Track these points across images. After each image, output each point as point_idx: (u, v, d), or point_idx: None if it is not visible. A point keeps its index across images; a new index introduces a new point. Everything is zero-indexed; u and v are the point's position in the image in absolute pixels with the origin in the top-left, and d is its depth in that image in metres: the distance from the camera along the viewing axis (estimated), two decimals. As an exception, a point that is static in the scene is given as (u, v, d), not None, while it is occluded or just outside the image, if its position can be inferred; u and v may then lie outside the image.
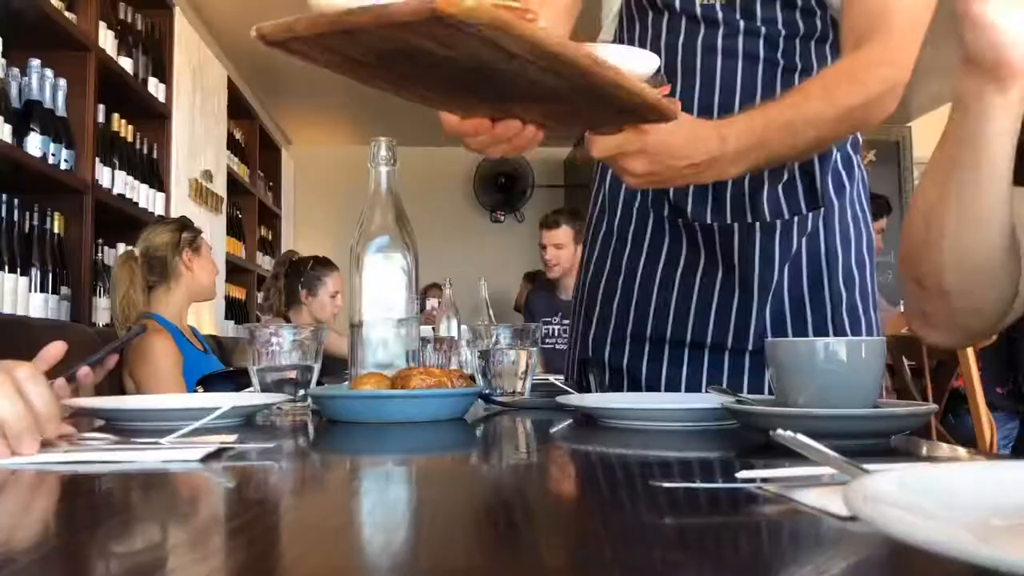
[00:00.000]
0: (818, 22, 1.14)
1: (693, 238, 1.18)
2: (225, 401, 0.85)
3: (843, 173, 1.19)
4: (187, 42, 3.77)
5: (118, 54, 3.03)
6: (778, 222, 1.14)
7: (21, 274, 2.42)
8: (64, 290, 2.62)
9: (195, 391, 1.46)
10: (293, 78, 5.46)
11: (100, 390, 2.32)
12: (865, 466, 0.47)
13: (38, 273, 2.50)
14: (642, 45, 1.18)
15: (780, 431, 0.53)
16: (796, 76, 1.15)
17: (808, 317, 1.16)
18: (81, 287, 2.73)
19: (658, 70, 0.85)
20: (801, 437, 0.52)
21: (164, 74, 3.50)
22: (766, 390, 1.15)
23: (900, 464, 0.47)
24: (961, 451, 0.80)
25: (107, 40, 2.94)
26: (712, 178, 0.94)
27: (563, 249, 3.79)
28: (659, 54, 1.13)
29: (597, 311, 1.25)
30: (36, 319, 2.42)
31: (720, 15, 1.13)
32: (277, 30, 0.63)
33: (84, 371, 1.02)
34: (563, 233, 3.81)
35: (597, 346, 1.24)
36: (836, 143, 1.15)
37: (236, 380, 1.39)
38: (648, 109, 0.78)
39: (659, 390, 1.18)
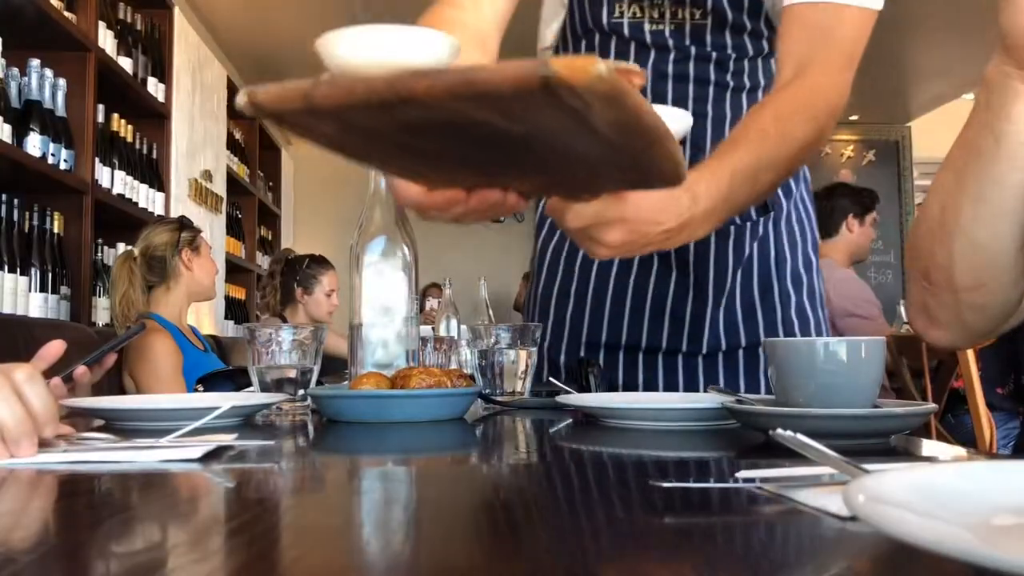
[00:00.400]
0: (765, 43, 1.16)
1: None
2: (224, 401, 0.85)
3: (789, 177, 1.20)
4: (187, 42, 3.77)
5: (117, 54, 3.03)
6: (731, 228, 1.16)
7: (21, 274, 2.42)
8: (64, 290, 2.62)
9: (195, 390, 1.46)
10: (292, 77, 5.45)
11: (99, 389, 2.32)
12: (865, 466, 0.47)
13: (38, 273, 2.50)
14: None
15: (780, 431, 0.53)
16: (745, 95, 1.16)
17: (759, 319, 1.18)
18: (81, 287, 2.73)
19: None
20: (801, 437, 0.52)
21: (164, 74, 3.50)
22: (721, 380, 1.18)
23: (900, 464, 0.47)
24: (961, 451, 0.81)
25: (107, 40, 2.94)
26: (682, 242, 0.86)
27: None
28: None
29: (552, 317, 1.26)
30: (36, 319, 2.42)
31: (670, 41, 1.13)
32: (285, 100, 0.51)
33: (81, 370, 1.02)
34: None
35: (552, 352, 1.25)
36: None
37: (236, 379, 1.39)
38: (667, 176, 0.66)
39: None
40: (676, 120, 0.75)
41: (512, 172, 0.67)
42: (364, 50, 0.54)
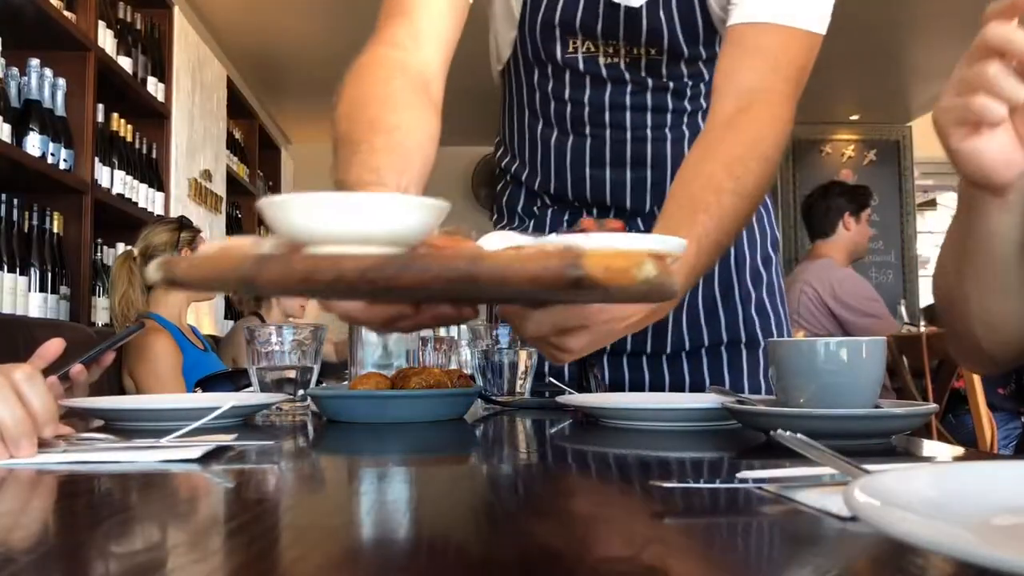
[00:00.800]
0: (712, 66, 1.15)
1: None
2: (224, 401, 0.85)
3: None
4: (186, 41, 3.77)
5: (117, 53, 3.03)
6: None
7: (20, 273, 2.42)
8: (63, 290, 2.62)
9: (194, 392, 1.46)
10: (292, 77, 5.46)
11: (99, 389, 2.33)
12: (865, 466, 0.47)
13: (37, 273, 2.50)
14: (543, 93, 1.16)
15: (780, 431, 0.53)
16: (701, 115, 1.16)
17: (721, 318, 1.19)
18: (80, 287, 2.73)
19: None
20: (801, 437, 0.52)
21: (163, 73, 3.50)
22: (687, 388, 1.18)
23: (900, 464, 0.47)
24: (961, 451, 0.80)
25: (106, 39, 2.94)
26: (650, 322, 0.82)
27: None
28: (565, 105, 1.14)
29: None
30: (35, 318, 2.42)
31: (627, 74, 1.12)
32: (213, 279, 0.42)
33: (77, 369, 1.01)
34: None
35: None
36: None
37: (236, 380, 1.39)
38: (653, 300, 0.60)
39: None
40: (665, 245, 0.66)
41: (478, 301, 0.65)
42: (326, 222, 0.43)
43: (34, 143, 2.45)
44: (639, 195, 1.16)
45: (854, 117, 6.29)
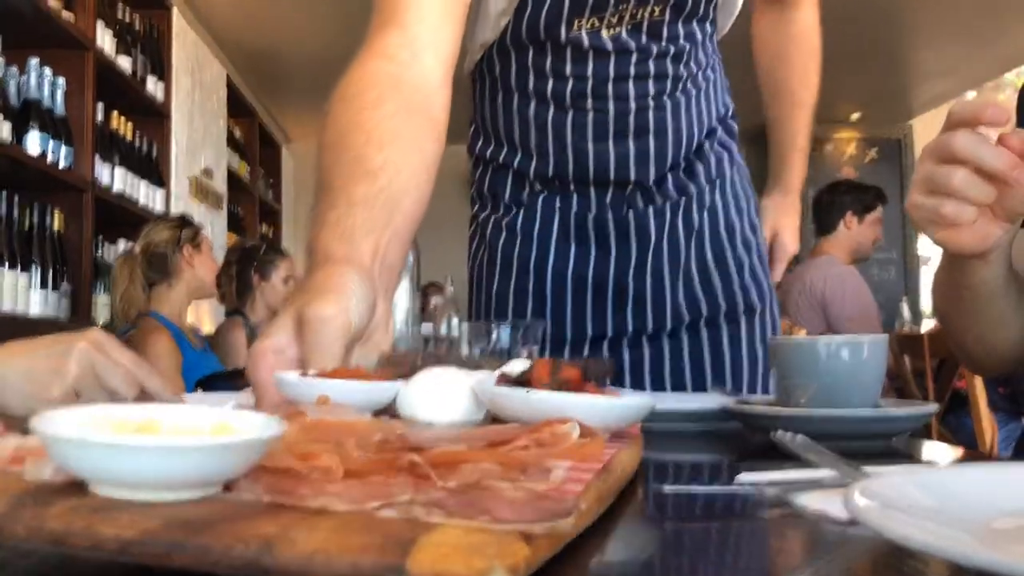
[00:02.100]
0: (709, 25, 1.17)
1: (603, 232, 1.18)
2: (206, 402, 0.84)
3: (727, 143, 1.25)
4: (185, 40, 3.77)
5: (116, 53, 3.03)
6: (681, 200, 1.18)
7: (21, 271, 2.42)
8: (64, 287, 2.63)
9: (195, 392, 1.46)
10: (292, 76, 5.46)
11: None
12: (866, 469, 0.47)
13: (38, 270, 2.50)
14: (538, 72, 1.15)
15: (780, 433, 0.53)
16: (691, 80, 1.17)
17: (718, 288, 1.19)
18: (81, 284, 2.73)
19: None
20: (802, 439, 0.52)
21: (163, 72, 3.50)
22: (687, 373, 1.18)
23: (901, 466, 0.47)
24: (962, 453, 0.80)
25: (105, 39, 2.94)
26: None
27: None
28: (565, 82, 1.13)
29: (510, 316, 1.23)
30: (36, 316, 2.43)
31: (631, 43, 1.11)
32: None
33: None
34: None
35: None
36: None
37: (236, 380, 1.39)
38: None
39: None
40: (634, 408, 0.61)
41: None
42: (99, 466, 0.36)
43: (34, 141, 2.45)
44: (643, 166, 1.16)
45: (855, 115, 6.28)
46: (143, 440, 0.35)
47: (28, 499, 0.34)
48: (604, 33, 1.11)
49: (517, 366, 0.64)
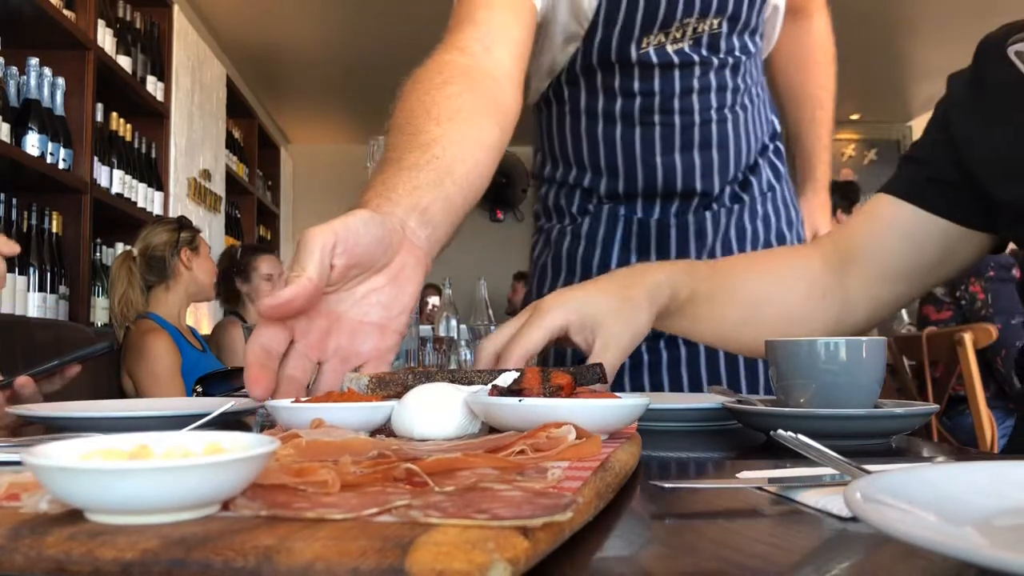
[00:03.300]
0: (760, 39, 1.25)
1: (664, 236, 1.22)
2: (179, 407, 0.84)
3: (777, 159, 1.32)
4: (186, 40, 3.77)
5: (116, 52, 3.03)
6: (735, 208, 1.24)
7: (19, 273, 2.42)
8: (62, 289, 2.62)
9: (194, 391, 1.45)
10: (292, 77, 5.46)
11: (98, 390, 2.32)
12: (866, 466, 0.47)
13: (36, 272, 2.50)
14: (608, 92, 1.20)
15: (780, 431, 0.53)
16: (745, 94, 1.24)
17: None
18: (79, 286, 2.73)
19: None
20: (801, 437, 0.52)
21: (163, 73, 3.50)
22: (724, 381, 1.21)
23: (901, 464, 0.47)
24: (962, 451, 0.80)
25: (105, 38, 2.93)
26: None
27: None
28: (633, 99, 1.19)
29: None
30: (34, 318, 2.42)
31: (694, 56, 1.18)
32: None
33: (22, 381, 0.99)
34: None
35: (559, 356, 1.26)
36: None
37: (234, 379, 1.38)
38: None
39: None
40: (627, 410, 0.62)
41: None
42: (90, 493, 0.36)
43: (33, 142, 2.45)
44: (708, 177, 1.21)
45: (854, 116, 6.29)
46: (137, 464, 0.35)
47: (25, 530, 0.34)
48: (669, 48, 1.17)
49: (508, 378, 0.65)
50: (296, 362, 0.71)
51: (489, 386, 0.65)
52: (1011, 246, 0.94)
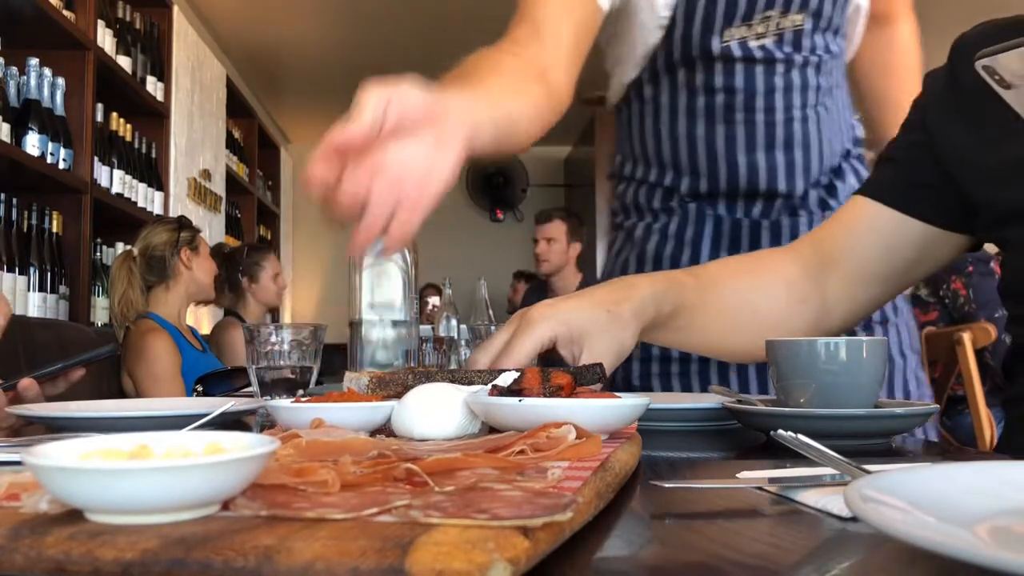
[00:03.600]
0: (842, 39, 1.25)
1: (756, 238, 1.23)
2: (178, 407, 0.84)
3: (859, 163, 1.31)
4: (186, 40, 3.77)
5: (116, 53, 3.03)
6: (825, 213, 1.23)
7: (19, 273, 2.42)
8: (62, 289, 2.62)
9: (194, 391, 1.45)
10: (292, 77, 5.46)
11: (98, 391, 2.32)
12: (866, 466, 0.47)
13: (36, 272, 2.50)
14: (690, 89, 1.21)
15: (781, 431, 0.53)
16: (829, 94, 1.25)
17: None
18: (79, 286, 2.73)
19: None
20: (801, 437, 0.52)
21: (163, 73, 3.50)
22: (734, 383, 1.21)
23: (901, 465, 0.47)
24: (961, 451, 0.80)
25: (105, 39, 2.93)
26: None
27: (555, 243, 3.79)
28: (715, 96, 1.20)
29: None
30: (34, 318, 2.42)
31: (776, 52, 1.18)
32: None
33: (25, 383, 0.99)
34: (555, 227, 3.81)
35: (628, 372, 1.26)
36: None
37: (234, 378, 1.39)
38: None
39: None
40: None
41: None
42: (91, 493, 0.36)
43: (33, 143, 2.45)
44: (791, 177, 1.21)
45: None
46: (137, 464, 0.35)
47: (25, 530, 0.34)
48: (752, 43, 1.17)
49: (508, 378, 0.66)
50: (347, 186, 0.74)
51: (489, 386, 0.66)
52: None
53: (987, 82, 0.59)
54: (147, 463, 0.36)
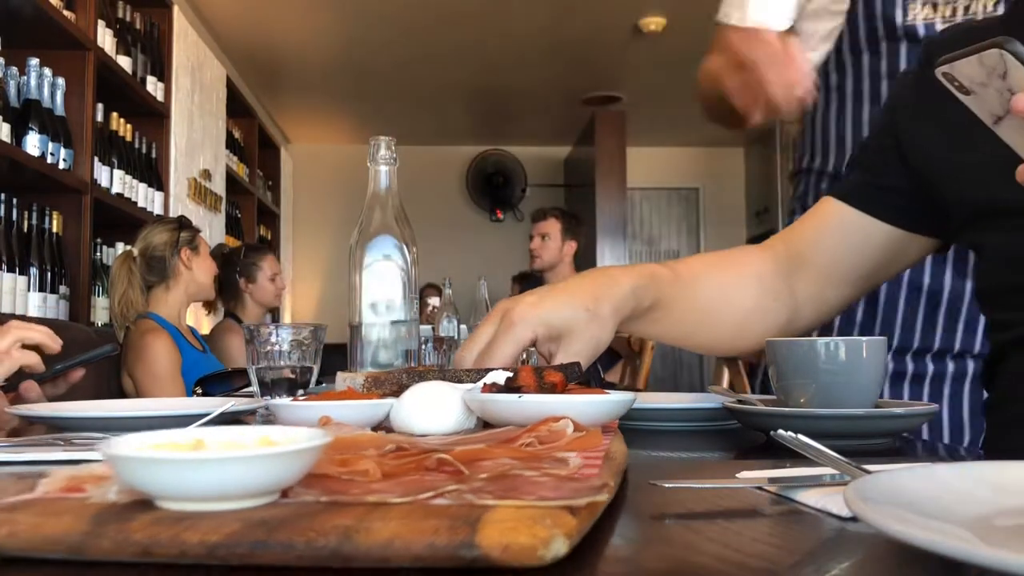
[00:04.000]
0: None
1: None
2: (179, 407, 0.84)
3: None
4: (186, 41, 3.77)
5: (117, 53, 3.03)
6: None
7: (20, 273, 2.42)
8: (63, 289, 2.62)
9: (194, 391, 1.45)
10: (292, 77, 5.46)
11: (98, 391, 2.31)
12: (866, 466, 0.47)
13: (37, 272, 2.50)
14: (874, 74, 1.20)
15: (781, 431, 0.53)
16: None
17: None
18: (80, 286, 2.73)
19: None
20: (801, 437, 0.52)
21: (163, 73, 3.50)
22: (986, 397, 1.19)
23: (900, 464, 0.47)
24: (962, 451, 0.80)
25: (106, 39, 2.93)
26: None
27: (549, 240, 3.80)
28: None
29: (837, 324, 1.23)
30: (35, 318, 2.42)
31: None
32: (26, 542, 0.35)
33: (27, 385, 1.00)
34: (549, 224, 3.81)
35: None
36: None
37: (234, 379, 1.38)
38: None
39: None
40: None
41: None
42: (168, 482, 0.37)
43: (33, 143, 2.45)
44: None
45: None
46: (215, 454, 0.37)
47: (109, 517, 0.36)
48: (939, 25, 1.14)
49: (499, 376, 0.70)
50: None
51: (480, 384, 0.69)
52: None
53: (947, 88, 0.61)
54: (223, 453, 0.37)
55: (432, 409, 0.66)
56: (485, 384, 0.69)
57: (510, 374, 0.69)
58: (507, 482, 0.41)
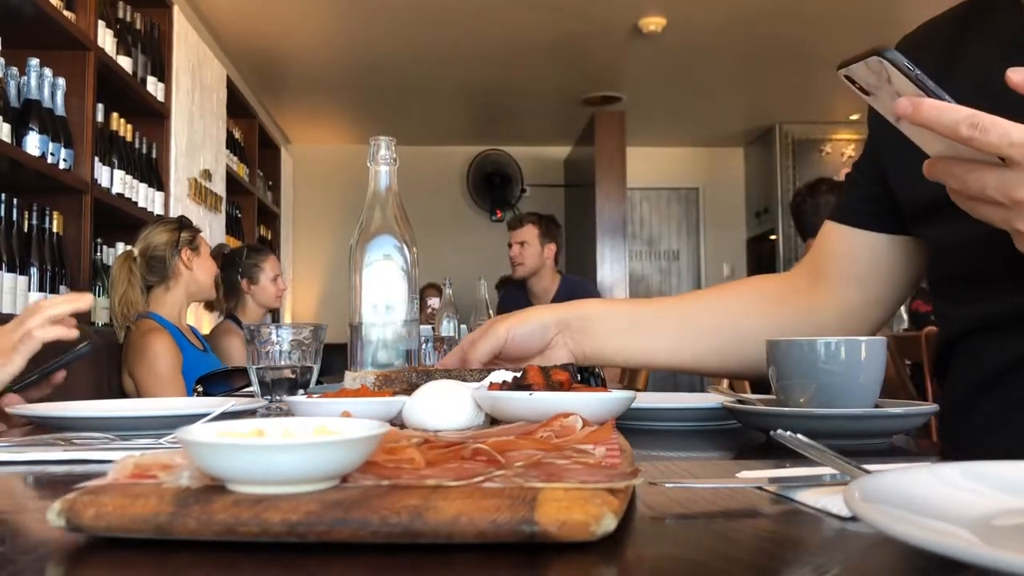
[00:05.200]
0: None
1: None
2: (180, 406, 0.84)
3: None
4: (186, 41, 3.77)
5: (117, 53, 3.03)
6: None
7: (20, 273, 2.42)
8: (63, 289, 2.62)
9: (195, 390, 1.45)
10: (292, 77, 5.46)
11: (99, 390, 2.31)
12: (866, 466, 0.47)
13: (37, 272, 2.50)
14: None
15: (780, 431, 0.53)
16: None
17: None
18: (80, 286, 2.73)
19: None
20: (801, 437, 0.52)
21: (163, 73, 3.50)
22: None
23: (900, 464, 0.47)
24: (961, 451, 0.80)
25: (106, 39, 2.93)
26: None
27: (528, 247, 3.80)
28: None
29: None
30: (35, 318, 2.42)
31: None
32: (113, 522, 0.37)
33: (9, 399, 1.01)
34: (527, 231, 3.81)
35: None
36: None
37: (234, 378, 1.39)
38: None
39: None
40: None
41: None
42: (243, 467, 0.39)
43: (34, 143, 2.45)
44: None
45: (854, 116, 6.29)
46: (290, 441, 0.40)
47: (189, 499, 0.38)
48: None
49: (504, 375, 0.74)
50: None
51: (487, 382, 0.74)
52: None
53: (852, 89, 0.62)
54: (298, 440, 0.40)
55: (445, 406, 0.70)
56: (491, 383, 0.73)
57: (517, 374, 0.73)
58: (546, 468, 0.44)
